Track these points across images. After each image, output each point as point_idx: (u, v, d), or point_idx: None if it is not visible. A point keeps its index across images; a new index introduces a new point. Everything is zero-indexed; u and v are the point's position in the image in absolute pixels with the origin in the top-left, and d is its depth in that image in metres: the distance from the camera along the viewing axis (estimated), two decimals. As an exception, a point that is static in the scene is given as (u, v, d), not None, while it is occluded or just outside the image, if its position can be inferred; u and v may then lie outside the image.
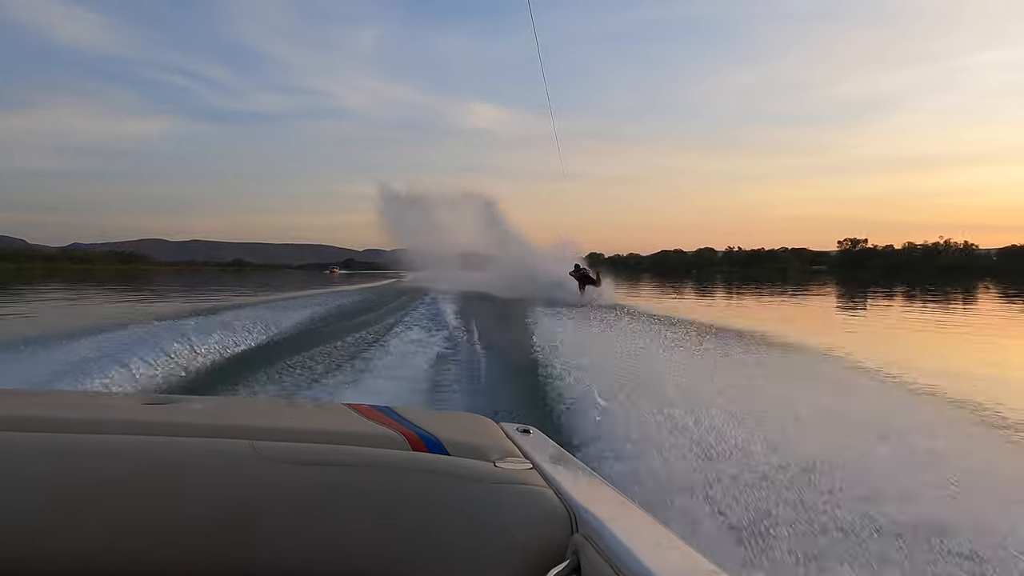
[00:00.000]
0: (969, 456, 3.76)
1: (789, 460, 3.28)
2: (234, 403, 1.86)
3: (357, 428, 1.25)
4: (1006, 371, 9.25)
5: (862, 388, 6.30)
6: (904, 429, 4.20)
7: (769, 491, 2.92)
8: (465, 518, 1.08)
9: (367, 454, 1.14)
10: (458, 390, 6.52)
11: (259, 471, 1.08)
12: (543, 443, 1.46)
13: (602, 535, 0.99)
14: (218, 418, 1.27)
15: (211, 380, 6.56)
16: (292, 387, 6.36)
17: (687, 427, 3.84)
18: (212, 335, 7.93)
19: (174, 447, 1.11)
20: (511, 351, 8.42)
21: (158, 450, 1.10)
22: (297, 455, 1.12)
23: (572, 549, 1.03)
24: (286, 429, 1.20)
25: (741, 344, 8.59)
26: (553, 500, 1.11)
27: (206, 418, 1.26)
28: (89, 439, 1.10)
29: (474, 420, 1.50)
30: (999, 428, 4.88)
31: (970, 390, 6.32)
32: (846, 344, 10.62)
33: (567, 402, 5.01)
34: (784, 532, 2.54)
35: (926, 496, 2.95)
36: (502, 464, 1.17)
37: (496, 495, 1.10)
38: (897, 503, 2.81)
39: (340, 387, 6.39)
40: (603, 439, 3.84)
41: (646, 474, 3.18)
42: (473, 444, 1.21)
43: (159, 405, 1.33)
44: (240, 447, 1.11)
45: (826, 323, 18.28)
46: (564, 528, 1.07)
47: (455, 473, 1.12)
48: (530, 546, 1.06)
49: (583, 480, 1.26)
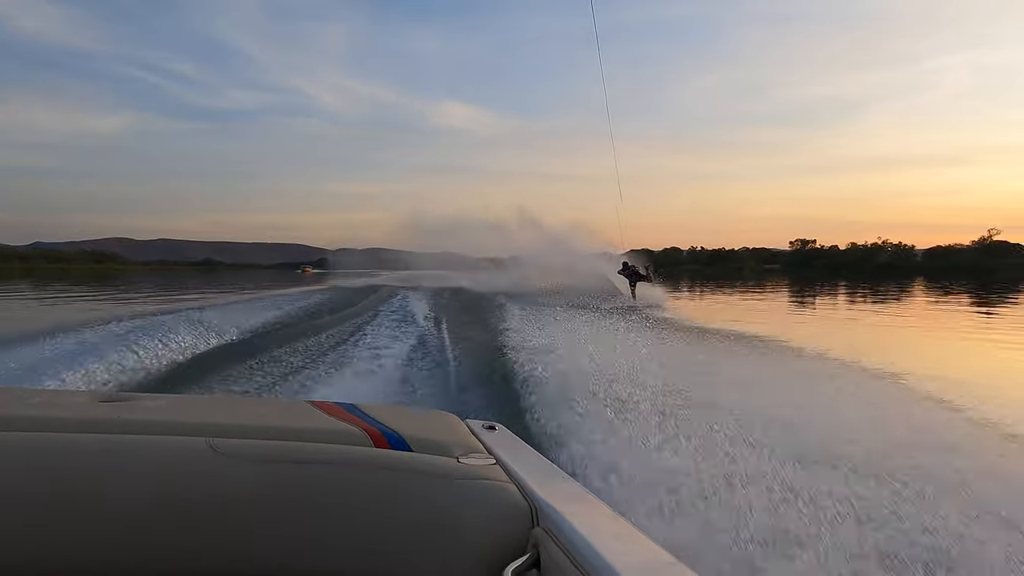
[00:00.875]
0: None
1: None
2: (192, 401, 1.84)
3: (319, 425, 1.24)
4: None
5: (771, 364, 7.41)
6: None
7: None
8: (426, 514, 1.08)
9: (328, 451, 1.13)
10: (434, 388, 6.51)
11: (216, 469, 1.07)
12: (508, 439, 1.47)
13: (562, 528, 1.00)
14: (175, 415, 1.25)
15: (173, 379, 6.43)
16: (261, 386, 6.28)
17: (645, 413, 4.11)
18: (177, 335, 7.78)
19: (129, 445, 1.09)
20: (480, 346, 8.44)
21: (112, 448, 1.08)
22: (256, 452, 1.10)
23: (532, 543, 1.04)
24: (245, 426, 1.19)
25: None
26: (514, 495, 1.12)
27: (162, 415, 1.24)
28: (40, 438, 1.08)
29: (439, 417, 1.50)
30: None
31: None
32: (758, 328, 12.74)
33: (541, 398, 5.02)
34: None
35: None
36: (465, 460, 1.18)
37: (458, 490, 1.10)
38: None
39: (314, 385, 6.34)
40: (576, 436, 3.87)
41: (608, 466, 3.24)
42: (437, 440, 1.22)
43: (114, 403, 1.31)
44: (196, 444, 1.10)
45: (745, 312, 20.70)
46: (525, 522, 1.08)
47: (417, 469, 1.12)
48: (491, 541, 1.06)
49: (546, 474, 1.27)
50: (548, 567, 0.98)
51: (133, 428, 1.14)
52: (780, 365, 7.46)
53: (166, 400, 1.45)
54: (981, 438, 4.47)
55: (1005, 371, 8.82)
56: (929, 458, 3.69)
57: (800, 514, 2.71)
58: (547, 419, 4.33)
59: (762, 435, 3.78)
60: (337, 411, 1.35)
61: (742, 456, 3.42)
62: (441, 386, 6.64)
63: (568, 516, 1.02)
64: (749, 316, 17.86)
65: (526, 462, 1.29)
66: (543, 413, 4.52)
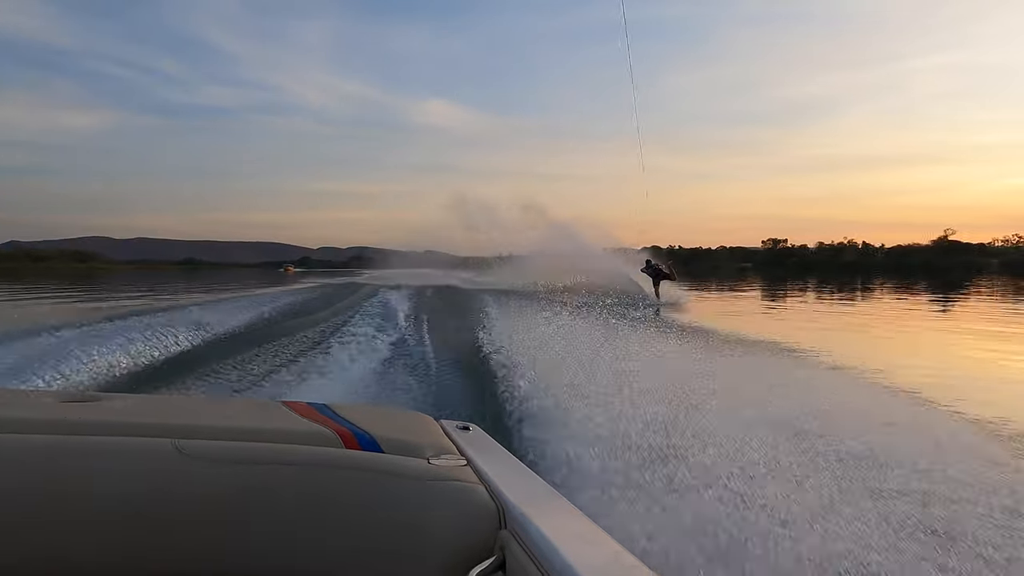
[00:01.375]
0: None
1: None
2: (160, 401, 1.81)
3: (289, 426, 1.23)
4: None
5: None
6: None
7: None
8: (395, 515, 1.07)
9: (297, 452, 1.12)
10: (413, 388, 6.48)
11: (182, 471, 1.06)
12: (482, 440, 1.46)
13: (528, 531, 0.99)
14: (141, 416, 1.24)
15: (145, 380, 6.32)
16: (236, 386, 6.21)
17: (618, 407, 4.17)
18: (152, 335, 7.70)
19: (92, 446, 1.07)
20: (457, 343, 8.42)
21: (75, 450, 1.06)
22: (222, 454, 1.09)
23: (499, 545, 1.04)
24: (213, 427, 1.18)
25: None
26: (483, 496, 1.11)
27: (128, 416, 1.22)
28: (2, 439, 1.06)
29: (413, 418, 1.49)
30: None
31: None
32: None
33: (520, 399, 5.01)
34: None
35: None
36: (436, 461, 1.17)
37: (427, 492, 1.10)
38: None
39: (291, 385, 6.28)
40: (552, 434, 3.86)
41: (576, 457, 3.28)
42: (408, 441, 1.21)
43: (79, 403, 1.29)
44: (162, 446, 1.08)
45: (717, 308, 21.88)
46: (492, 524, 1.07)
47: (386, 470, 1.11)
48: (458, 543, 1.06)
49: (516, 476, 1.27)
50: (513, 570, 0.98)
51: (97, 429, 1.12)
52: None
53: (133, 400, 1.42)
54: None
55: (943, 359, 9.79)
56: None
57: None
58: (524, 420, 4.32)
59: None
60: (309, 412, 1.34)
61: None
62: (420, 386, 6.61)
63: (534, 518, 1.02)
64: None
65: (497, 463, 1.29)
66: (520, 413, 4.51)
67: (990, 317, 17.51)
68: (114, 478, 1.04)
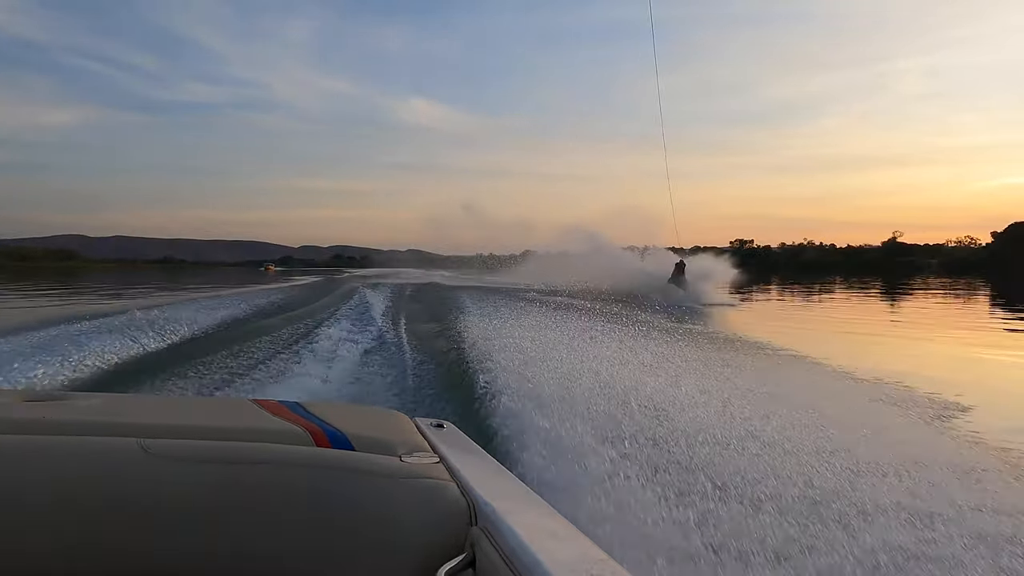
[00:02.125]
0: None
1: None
2: (126, 400, 1.78)
3: (259, 424, 1.23)
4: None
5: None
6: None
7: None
8: (365, 513, 1.06)
9: (266, 450, 1.11)
10: (389, 385, 6.45)
11: (147, 470, 1.04)
12: (455, 437, 1.46)
13: (498, 527, 0.99)
14: (105, 415, 1.22)
15: (114, 380, 6.19)
16: (210, 385, 6.11)
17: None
18: (121, 334, 7.61)
19: (56, 447, 1.05)
20: (433, 342, 8.38)
21: (38, 450, 1.04)
22: (189, 453, 1.08)
23: (470, 542, 1.03)
24: (180, 426, 1.17)
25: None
26: (454, 493, 1.10)
27: (92, 415, 1.20)
28: None
29: (386, 415, 1.48)
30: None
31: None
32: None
33: (493, 395, 4.98)
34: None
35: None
36: (408, 459, 1.16)
37: (398, 490, 1.09)
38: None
39: (266, 383, 6.22)
40: (526, 433, 3.85)
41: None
42: (381, 439, 1.20)
43: (41, 402, 1.27)
44: (127, 445, 1.06)
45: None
46: (463, 521, 1.07)
47: (357, 468, 1.10)
48: (428, 540, 1.05)
49: (489, 473, 1.27)
50: (483, 567, 0.98)
51: (59, 429, 1.10)
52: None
53: (98, 400, 1.40)
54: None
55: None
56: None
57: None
58: (500, 416, 4.30)
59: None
60: (280, 409, 1.33)
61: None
62: (396, 383, 6.57)
63: (505, 515, 1.02)
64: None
65: (470, 461, 1.29)
66: (495, 410, 4.49)
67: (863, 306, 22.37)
68: (77, 478, 1.02)
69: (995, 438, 4.92)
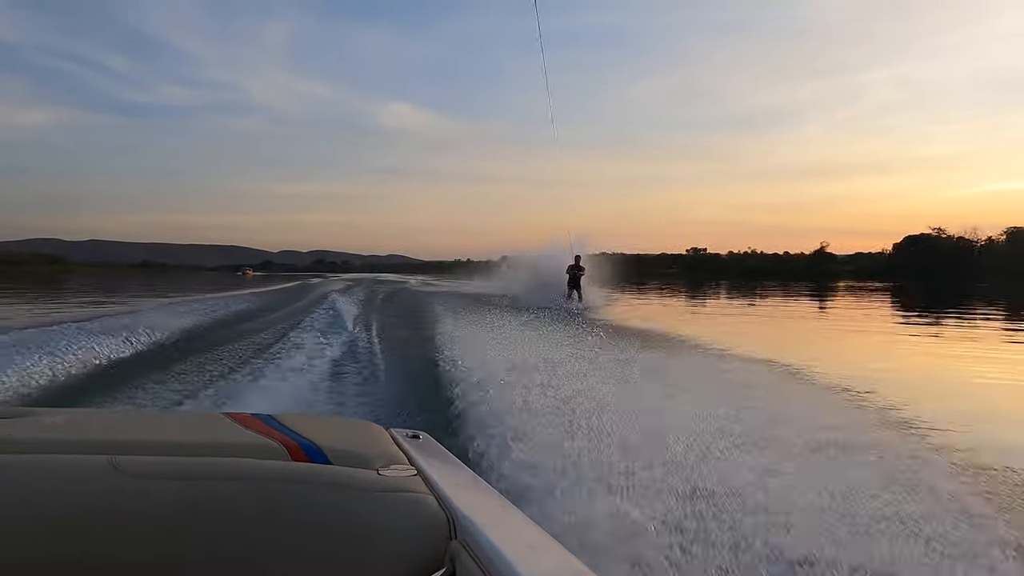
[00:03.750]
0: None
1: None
2: (93, 415, 1.74)
3: (233, 439, 1.20)
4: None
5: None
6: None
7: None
8: (343, 528, 1.04)
9: (241, 465, 1.08)
10: (362, 395, 6.35)
11: (118, 488, 1.00)
12: (432, 448, 1.45)
13: (478, 541, 0.99)
14: (73, 432, 1.19)
15: (76, 393, 6.03)
16: (177, 397, 5.96)
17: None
18: (84, 343, 7.41)
19: (19, 465, 1.01)
20: (410, 352, 8.31)
21: (4, 469, 1.00)
22: (161, 469, 1.04)
23: (449, 556, 1.02)
24: (151, 442, 1.14)
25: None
26: (433, 507, 1.09)
27: (59, 432, 1.17)
28: None
29: (361, 427, 1.45)
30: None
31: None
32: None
33: (466, 404, 4.94)
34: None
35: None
36: (385, 472, 1.14)
37: (376, 504, 1.07)
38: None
39: (237, 394, 6.07)
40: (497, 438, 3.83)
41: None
42: (357, 452, 1.18)
43: (5, 419, 1.24)
44: (96, 463, 1.03)
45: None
46: (443, 535, 1.06)
47: (334, 482, 1.08)
48: (408, 555, 1.03)
49: (466, 485, 1.26)
50: None
51: (24, 447, 1.06)
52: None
53: (64, 415, 1.36)
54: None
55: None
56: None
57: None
58: (474, 424, 4.28)
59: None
60: (253, 423, 1.30)
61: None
62: (369, 393, 6.48)
63: (484, 528, 1.01)
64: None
65: (447, 473, 1.27)
66: (469, 418, 4.46)
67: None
68: (46, 498, 0.98)
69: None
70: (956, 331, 15.09)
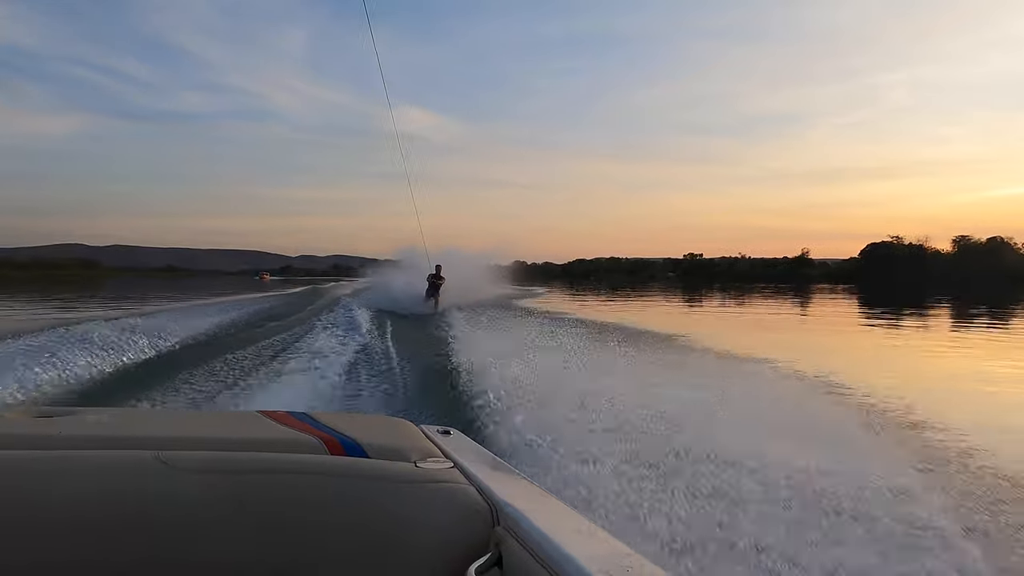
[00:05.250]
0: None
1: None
2: (137, 414, 1.79)
3: (273, 435, 1.22)
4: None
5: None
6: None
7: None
8: (387, 519, 1.06)
9: (283, 460, 1.10)
10: (383, 394, 6.44)
11: (166, 482, 1.03)
12: (464, 443, 1.48)
13: (522, 526, 1.00)
14: (119, 429, 1.22)
15: (106, 393, 6.18)
16: (205, 396, 6.11)
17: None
18: (107, 345, 7.58)
19: (69, 461, 1.03)
20: (426, 352, 8.37)
21: (54, 465, 1.02)
22: (208, 464, 1.06)
23: (494, 542, 1.04)
24: (194, 438, 1.15)
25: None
26: (474, 496, 1.11)
27: (106, 430, 1.20)
28: None
29: (393, 423, 1.49)
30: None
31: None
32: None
33: (486, 403, 4.97)
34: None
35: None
36: (423, 464, 1.16)
37: (417, 494, 1.09)
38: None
39: (259, 394, 6.19)
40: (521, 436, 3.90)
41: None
42: (393, 446, 1.20)
43: (52, 418, 1.27)
44: (144, 458, 1.05)
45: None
46: (486, 523, 1.07)
47: (375, 475, 1.10)
48: (452, 542, 1.05)
49: (503, 476, 1.27)
50: (510, 564, 0.99)
51: (75, 444, 1.09)
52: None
53: (108, 414, 1.38)
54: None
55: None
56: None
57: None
58: (499, 421, 4.32)
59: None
60: (290, 420, 1.33)
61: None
62: (390, 392, 6.54)
63: (528, 514, 1.02)
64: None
65: (483, 464, 1.30)
66: (495, 416, 4.48)
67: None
68: (97, 492, 1.01)
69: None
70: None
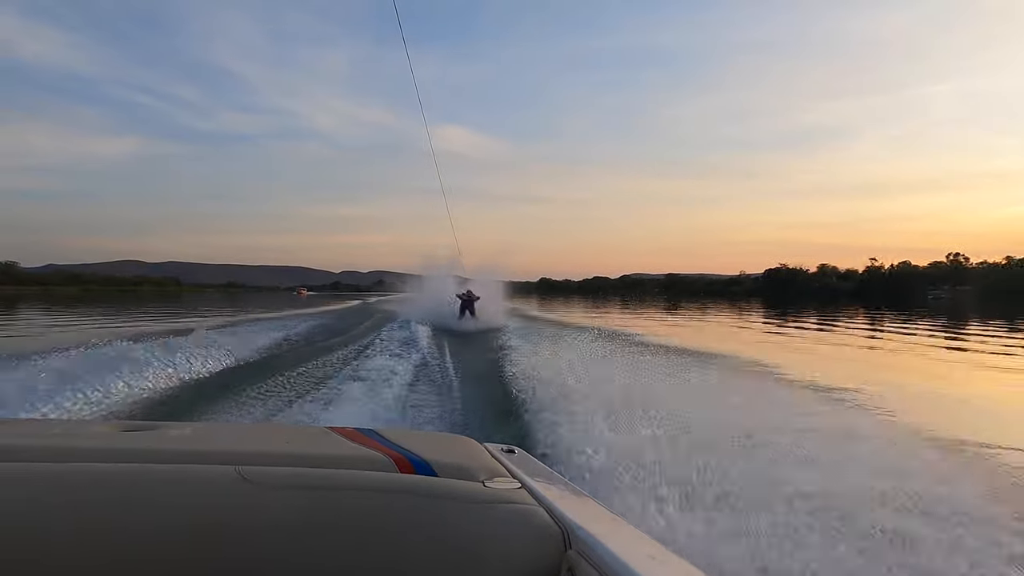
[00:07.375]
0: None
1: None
2: (215, 428, 1.83)
3: (344, 451, 1.23)
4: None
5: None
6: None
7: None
8: (458, 539, 1.05)
9: (356, 477, 1.11)
10: (441, 411, 6.33)
11: (245, 496, 1.04)
12: (529, 462, 1.47)
13: (596, 551, 0.98)
14: (201, 444, 1.25)
15: (181, 405, 6.30)
16: (271, 410, 6.17)
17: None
18: (173, 359, 7.74)
19: (156, 474, 1.06)
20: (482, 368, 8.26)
21: (140, 477, 1.05)
22: (285, 480, 1.08)
23: (567, 566, 1.02)
24: (271, 453, 1.17)
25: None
26: (544, 518, 1.09)
27: (188, 444, 1.23)
28: (66, 467, 1.05)
29: (459, 441, 1.47)
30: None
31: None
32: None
33: (548, 421, 4.77)
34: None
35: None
36: (491, 484, 1.15)
37: (487, 515, 1.08)
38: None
39: (318, 409, 6.20)
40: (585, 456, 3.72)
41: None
42: (461, 465, 1.19)
43: (138, 432, 1.30)
44: (225, 472, 1.07)
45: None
46: (557, 545, 1.06)
47: (445, 494, 1.09)
48: (524, 565, 1.03)
49: (573, 498, 1.26)
50: None
51: (160, 457, 1.12)
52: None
53: (190, 428, 1.42)
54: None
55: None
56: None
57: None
58: (562, 441, 4.15)
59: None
60: (359, 437, 1.34)
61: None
62: (448, 409, 6.43)
63: (600, 538, 1.01)
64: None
65: (551, 485, 1.28)
66: (556, 434, 4.32)
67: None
68: (183, 505, 1.02)
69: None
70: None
